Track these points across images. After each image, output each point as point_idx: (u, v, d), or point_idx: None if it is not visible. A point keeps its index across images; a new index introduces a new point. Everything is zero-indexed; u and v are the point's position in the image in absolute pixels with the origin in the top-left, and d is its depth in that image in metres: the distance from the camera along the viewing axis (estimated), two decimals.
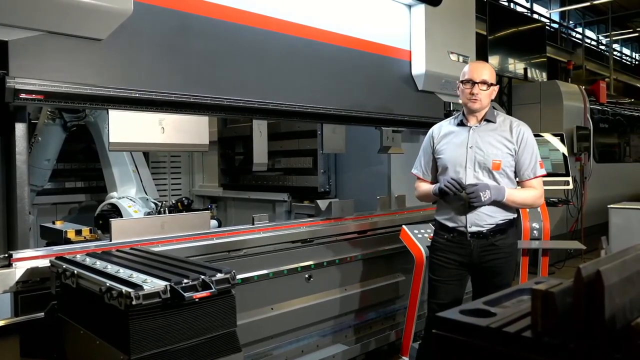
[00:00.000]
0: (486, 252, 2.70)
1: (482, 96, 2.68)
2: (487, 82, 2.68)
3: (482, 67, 2.72)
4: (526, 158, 2.69)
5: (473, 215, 2.68)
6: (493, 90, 2.73)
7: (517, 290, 1.37)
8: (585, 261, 3.47)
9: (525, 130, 2.73)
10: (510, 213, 2.74)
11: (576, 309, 0.97)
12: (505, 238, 2.71)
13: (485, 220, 2.68)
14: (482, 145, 2.69)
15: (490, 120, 2.73)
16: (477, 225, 2.69)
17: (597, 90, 8.09)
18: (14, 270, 2.30)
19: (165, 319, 1.75)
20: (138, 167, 4.53)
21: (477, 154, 2.68)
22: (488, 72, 2.71)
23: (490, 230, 2.68)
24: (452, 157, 2.75)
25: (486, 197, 2.56)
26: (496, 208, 2.68)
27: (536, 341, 1.02)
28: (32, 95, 2.32)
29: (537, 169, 2.70)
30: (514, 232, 2.78)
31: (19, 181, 2.53)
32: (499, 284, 2.60)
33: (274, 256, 3.19)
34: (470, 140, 2.71)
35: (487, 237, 2.68)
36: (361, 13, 3.80)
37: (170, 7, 2.77)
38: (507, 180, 2.71)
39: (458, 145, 2.74)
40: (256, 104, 3.15)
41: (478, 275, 2.78)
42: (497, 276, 2.70)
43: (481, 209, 2.67)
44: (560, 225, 6.93)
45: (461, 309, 1.22)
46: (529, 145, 2.69)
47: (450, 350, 1.17)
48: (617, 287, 0.97)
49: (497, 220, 2.68)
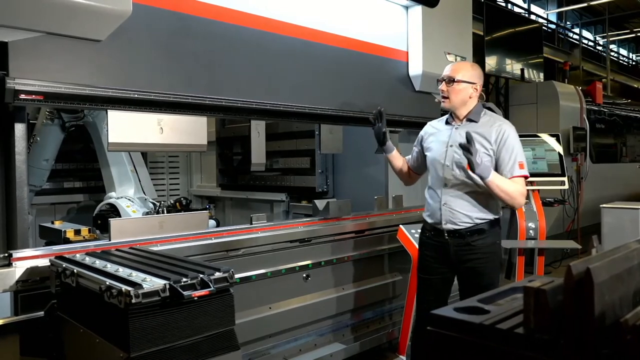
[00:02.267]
0: (464, 252, 2.70)
1: (450, 93, 2.70)
2: (452, 79, 2.69)
3: (450, 65, 2.77)
4: (504, 157, 2.66)
5: (448, 213, 2.70)
6: (467, 89, 2.71)
7: (511, 288, 1.39)
8: None
9: (507, 130, 2.69)
10: (489, 213, 2.71)
11: (567, 306, 0.99)
12: (484, 238, 2.68)
13: (460, 219, 2.68)
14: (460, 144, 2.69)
15: (473, 120, 2.73)
16: (452, 223, 2.70)
17: (593, 91, 8.13)
18: (14, 269, 2.32)
19: (165, 317, 1.77)
20: (136, 167, 4.55)
21: (455, 152, 2.69)
22: (457, 70, 2.72)
23: (467, 229, 2.68)
24: (434, 155, 2.81)
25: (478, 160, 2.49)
26: (472, 207, 2.68)
27: (528, 338, 1.04)
28: (31, 96, 2.33)
29: (515, 169, 2.65)
30: (494, 233, 2.74)
31: (18, 181, 2.54)
32: (483, 285, 2.60)
33: (272, 256, 3.21)
34: (451, 139, 2.75)
35: (463, 237, 2.68)
36: (358, 14, 3.82)
37: (168, 8, 2.79)
38: None
39: (440, 144, 2.79)
40: (254, 105, 3.17)
41: (460, 276, 2.79)
42: (479, 277, 2.69)
43: (454, 207, 2.68)
44: (557, 225, 6.97)
45: (455, 307, 1.25)
46: (508, 145, 2.66)
47: (445, 347, 1.20)
48: (607, 285, 0.99)
49: (474, 219, 2.68)
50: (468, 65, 2.80)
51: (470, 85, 2.72)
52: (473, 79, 2.73)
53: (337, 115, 3.66)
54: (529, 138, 4.35)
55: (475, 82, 2.74)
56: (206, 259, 2.81)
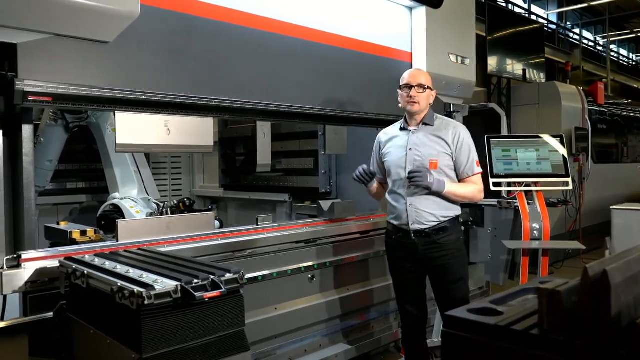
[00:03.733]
0: (431, 251, 2.82)
1: (420, 99, 2.84)
2: (423, 86, 2.85)
3: (418, 73, 2.94)
4: (463, 158, 2.85)
5: (414, 213, 2.81)
6: (430, 95, 2.90)
7: (522, 289, 1.40)
8: (584, 261, 3.52)
9: (462, 132, 2.88)
10: (451, 211, 2.86)
11: (583, 307, 1.00)
12: (449, 235, 2.83)
13: (426, 218, 2.80)
14: (419, 146, 2.85)
15: (429, 124, 2.89)
16: (419, 223, 2.81)
17: (595, 91, 8.14)
18: (23, 270, 2.32)
19: (176, 318, 1.78)
20: (139, 168, 4.56)
21: (415, 155, 2.84)
22: (424, 77, 2.90)
23: (432, 228, 2.80)
24: (394, 159, 2.93)
25: (430, 180, 2.71)
26: (437, 205, 2.81)
27: (543, 339, 1.05)
28: (40, 97, 2.34)
29: (474, 167, 2.87)
30: (457, 229, 2.91)
31: (25, 182, 2.54)
32: (453, 280, 2.82)
33: (278, 256, 3.22)
34: (409, 142, 2.88)
35: (429, 236, 2.81)
36: (363, 15, 3.83)
37: (176, 10, 2.80)
38: (447, 179, 2.83)
39: (399, 148, 2.92)
40: (260, 106, 3.18)
41: (430, 274, 2.92)
42: (448, 273, 2.83)
43: (420, 207, 2.80)
44: (559, 226, 6.97)
45: (469, 308, 1.26)
46: (465, 146, 2.85)
47: (459, 348, 1.21)
48: (623, 286, 1.00)
49: (438, 218, 2.81)
50: (427, 72, 3.01)
51: (432, 92, 2.92)
52: (432, 86, 2.94)
53: (342, 116, 3.67)
54: (533, 139, 4.36)
55: (433, 89, 2.95)
56: (213, 259, 2.82)
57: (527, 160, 4.20)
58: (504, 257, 4.39)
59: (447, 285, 2.85)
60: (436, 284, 2.90)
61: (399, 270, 2.98)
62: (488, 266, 4.60)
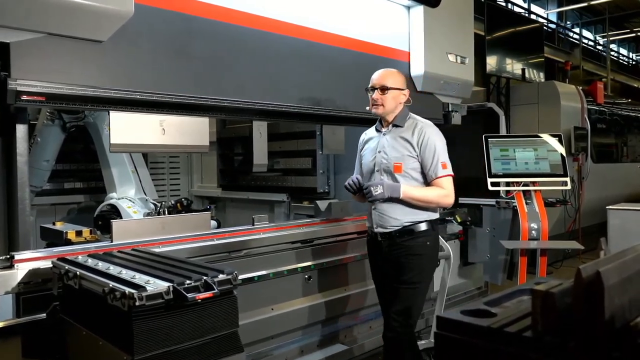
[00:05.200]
0: (393, 250, 2.75)
1: (384, 101, 2.75)
2: (386, 87, 2.75)
3: (383, 74, 2.80)
4: (427, 159, 2.71)
5: (377, 217, 2.77)
6: (399, 95, 2.79)
7: (518, 290, 1.38)
8: (583, 261, 3.49)
9: (428, 132, 2.75)
10: (418, 215, 2.73)
11: (576, 309, 0.99)
12: (414, 239, 2.72)
13: (389, 222, 2.74)
14: (387, 149, 2.78)
15: (399, 125, 2.79)
16: (382, 227, 2.77)
17: (594, 91, 8.12)
18: (16, 271, 2.31)
19: (168, 319, 1.76)
20: (137, 168, 4.54)
21: (383, 158, 2.78)
22: (390, 78, 2.77)
23: (396, 231, 2.73)
24: (367, 162, 2.89)
25: (377, 192, 2.63)
26: (400, 211, 2.72)
27: (537, 341, 1.03)
28: (33, 97, 2.32)
29: (439, 170, 2.70)
30: (426, 234, 2.75)
31: (20, 182, 2.53)
32: (405, 282, 2.69)
33: (274, 257, 3.20)
34: (379, 145, 2.82)
35: (393, 238, 2.74)
36: (361, 15, 3.81)
37: (170, 8, 2.78)
38: (413, 182, 2.73)
39: (371, 151, 2.86)
40: (256, 105, 3.16)
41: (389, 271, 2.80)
42: (402, 273, 2.71)
43: (384, 212, 2.74)
44: (558, 226, 6.96)
45: (462, 309, 1.24)
46: (430, 147, 2.71)
47: (452, 350, 1.19)
48: (617, 288, 0.98)
49: (402, 222, 2.72)
50: (395, 72, 2.85)
51: (401, 92, 2.80)
52: (402, 85, 2.81)
53: (339, 115, 3.66)
54: (531, 138, 4.35)
55: (404, 88, 2.82)
56: (208, 260, 2.81)
57: (526, 160, 4.19)
58: (502, 257, 4.39)
59: (400, 285, 2.71)
60: (390, 282, 2.79)
61: (374, 271, 2.95)
62: (486, 266, 4.60)
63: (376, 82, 2.77)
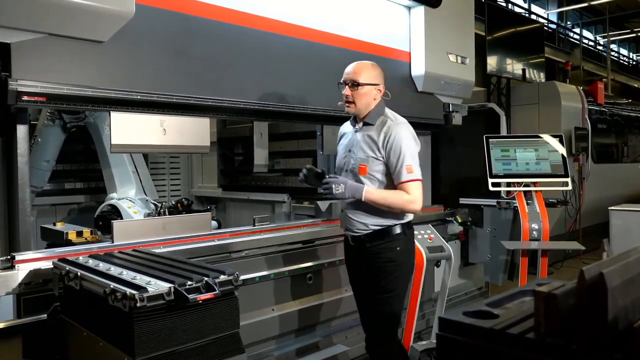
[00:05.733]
0: (364, 255, 2.63)
1: (355, 98, 2.55)
2: (357, 83, 2.53)
3: (353, 67, 2.59)
4: (392, 162, 2.52)
5: (345, 221, 2.67)
6: (370, 91, 2.56)
7: (519, 291, 1.38)
8: (584, 262, 3.49)
9: (394, 131, 2.53)
10: (386, 220, 2.58)
11: (579, 310, 0.98)
12: (384, 243, 2.57)
13: (356, 226, 2.61)
14: (355, 149, 2.61)
15: (370, 123, 2.59)
16: (350, 230, 2.65)
17: (595, 91, 8.11)
18: (17, 272, 2.31)
19: (169, 320, 1.76)
20: (137, 168, 4.54)
21: (351, 158, 2.62)
22: (362, 73, 2.55)
23: (365, 235, 2.60)
24: (339, 159, 2.75)
25: (338, 190, 2.48)
26: (366, 214, 2.57)
27: (539, 342, 1.03)
28: (34, 98, 2.33)
29: (403, 174, 2.49)
30: (397, 239, 2.59)
31: (20, 183, 2.54)
32: (380, 291, 2.57)
33: (275, 257, 3.20)
34: (350, 143, 2.66)
35: (363, 242, 2.61)
36: (361, 15, 3.81)
37: (171, 9, 2.78)
38: (379, 185, 2.57)
39: (344, 148, 2.72)
40: (257, 106, 3.16)
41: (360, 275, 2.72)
42: (376, 283, 2.60)
43: (351, 214, 2.61)
44: (559, 226, 6.95)
45: (464, 311, 1.24)
46: (395, 149, 2.50)
47: (454, 352, 1.19)
48: (620, 289, 0.98)
49: (369, 227, 2.58)
50: (369, 65, 2.61)
51: (374, 87, 2.58)
52: (376, 80, 2.59)
53: (339, 116, 3.64)
54: (532, 139, 4.34)
55: (378, 83, 2.60)
56: (209, 260, 2.81)
57: (526, 160, 4.19)
58: (503, 258, 4.39)
59: (374, 295, 2.60)
60: (364, 291, 2.69)
61: (350, 275, 2.83)
62: (487, 266, 4.59)
63: (347, 77, 2.56)
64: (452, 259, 3.58)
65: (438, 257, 3.54)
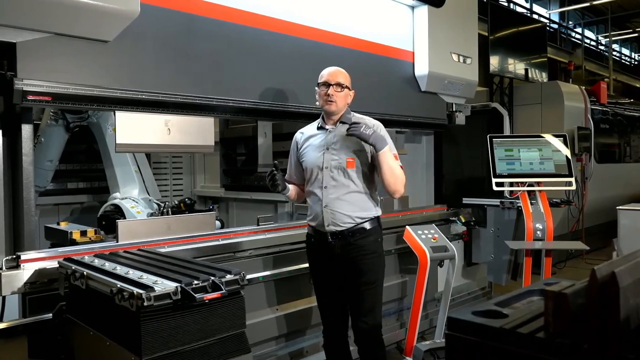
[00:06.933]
0: (347, 252, 2.69)
1: (337, 98, 2.75)
2: (341, 85, 2.76)
3: (337, 71, 2.81)
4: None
5: (329, 215, 2.69)
6: (348, 94, 2.81)
7: (527, 291, 1.38)
8: (587, 261, 3.48)
9: (377, 125, 2.76)
10: (368, 212, 2.73)
11: (591, 310, 0.98)
12: (366, 237, 2.71)
13: (342, 219, 2.68)
14: (336, 146, 2.73)
15: (345, 122, 2.77)
16: (334, 225, 2.69)
17: (597, 91, 8.10)
18: (22, 271, 2.31)
19: (176, 320, 1.76)
20: (140, 168, 4.54)
21: (332, 155, 2.73)
22: (343, 76, 2.79)
23: (349, 230, 2.68)
24: (311, 160, 2.79)
25: (366, 132, 2.59)
26: (352, 207, 2.69)
27: (549, 342, 1.03)
28: (40, 97, 2.33)
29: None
30: (375, 231, 2.77)
31: (25, 182, 2.53)
32: (366, 282, 2.71)
33: (279, 257, 3.20)
34: (326, 142, 2.77)
35: (346, 238, 2.68)
36: (365, 15, 3.81)
37: (176, 8, 2.78)
38: (365, 180, 2.73)
39: (316, 148, 2.79)
40: (261, 106, 3.16)
41: (345, 275, 2.75)
42: (362, 274, 2.70)
43: (335, 208, 2.68)
44: (562, 226, 6.95)
45: (473, 310, 1.24)
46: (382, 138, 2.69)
47: (463, 351, 1.19)
48: (631, 288, 0.98)
49: (354, 219, 2.69)
50: (345, 71, 2.85)
51: (350, 91, 2.83)
52: (350, 85, 2.83)
53: None
54: (536, 139, 4.34)
55: (351, 89, 2.85)
56: (213, 260, 2.81)
57: (530, 160, 4.18)
58: (506, 258, 4.38)
59: (361, 287, 2.72)
60: (349, 285, 2.75)
61: (318, 274, 2.84)
62: (490, 266, 4.59)
63: (332, 79, 2.75)
64: (455, 259, 3.58)
65: (442, 257, 3.54)
